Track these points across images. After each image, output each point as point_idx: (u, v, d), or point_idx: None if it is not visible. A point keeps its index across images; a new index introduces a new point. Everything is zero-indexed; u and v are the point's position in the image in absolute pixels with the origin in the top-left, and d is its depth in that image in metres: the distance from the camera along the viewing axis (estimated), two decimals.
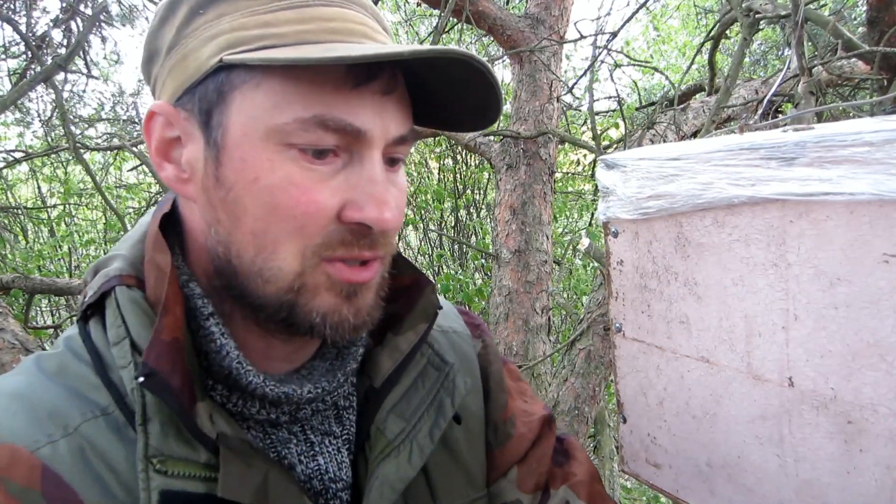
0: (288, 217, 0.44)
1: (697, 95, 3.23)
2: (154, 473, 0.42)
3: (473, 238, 4.90)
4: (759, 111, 2.39)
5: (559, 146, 2.84)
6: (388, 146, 0.47)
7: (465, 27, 2.82)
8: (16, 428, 0.42)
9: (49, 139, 4.47)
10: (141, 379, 0.41)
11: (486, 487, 0.63)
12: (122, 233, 4.12)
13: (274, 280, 0.45)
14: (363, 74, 0.44)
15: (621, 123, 2.73)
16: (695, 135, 2.67)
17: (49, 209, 5.08)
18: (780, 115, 1.64)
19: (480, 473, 0.62)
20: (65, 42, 3.05)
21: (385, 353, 0.56)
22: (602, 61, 2.61)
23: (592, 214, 4.48)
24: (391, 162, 0.49)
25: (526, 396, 0.72)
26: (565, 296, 4.26)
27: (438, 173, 4.94)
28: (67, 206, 4.96)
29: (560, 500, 0.66)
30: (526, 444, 0.67)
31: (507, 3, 3.78)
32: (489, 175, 4.57)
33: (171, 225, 0.52)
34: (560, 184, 4.76)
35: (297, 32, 0.44)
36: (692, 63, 2.54)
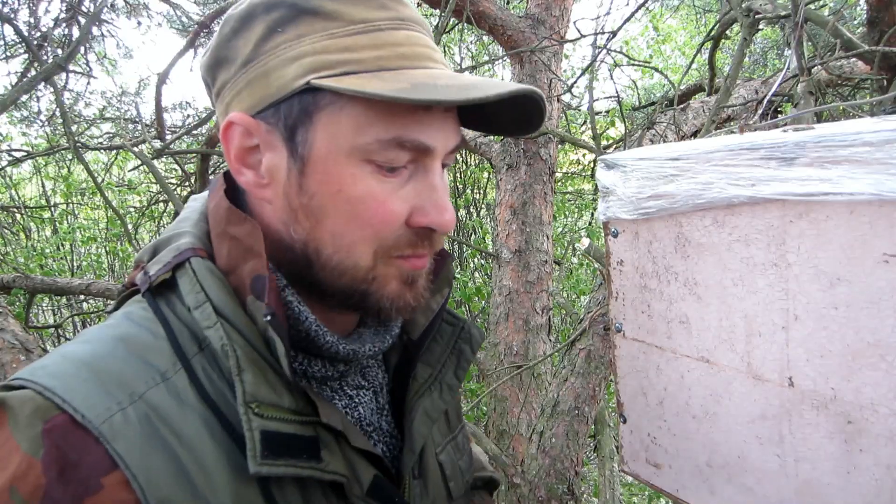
0: (366, 224, 0.50)
1: (697, 95, 3.23)
2: (253, 416, 0.46)
3: (472, 237, 4.90)
4: (759, 111, 2.39)
5: (559, 146, 2.84)
6: (445, 155, 0.54)
7: (465, 27, 2.82)
8: (89, 395, 0.45)
9: (52, 138, 4.48)
10: (268, 318, 0.48)
11: (461, 422, 0.77)
12: (122, 231, 4.12)
13: (349, 273, 0.52)
14: None
15: (620, 123, 2.73)
16: (695, 135, 2.67)
17: (51, 208, 5.08)
18: (779, 115, 1.64)
19: (459, 413, 0.77)
20: (66, 41, 3.05)
21: (420, 312, 0.66)
22: (602, 61, 2.61)
23: (592, 214, 4.48)
24: (441, 166, 0.56)
25: None
26: (565, 296, 4.26)
27: None
28: (70, 204, 4.96)
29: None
30: None
31: (508, 4, 3.78)
32: (489, 175, 4.57)
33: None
34: (560, 184, 4.76)
35: (375, 59, 0.49)
36: (692, 63, 2.53)
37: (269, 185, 0.52)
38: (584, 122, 4.46)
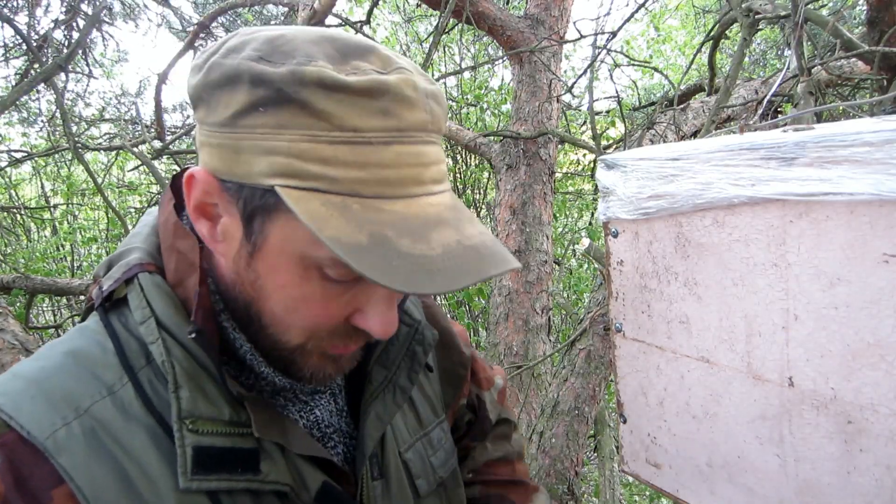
0: (304, 318, 0.50)
1: (697, 95, 3.23)
2: (187, 432, 0.48)
3: None
4: (759, 111, 2.39)
5: (559, 146, 2.84)
6: None
7: (465, 27, 2.82)
8: (34, 411, 0.47)
9: (52, 139, 4.48)
10: (193, 335, 0.48)
11: (443, 414, 0.75)
12: (123, 231, 4.13)
13: (280, 344, 0.52)
14: None
15: (620, 123, 2.73)
16: (695, 135, 2.67)
17: (51, 209, 5.09)
18: (779, 115, 1.64)
19: (439, 405, 0.75)
20: (66, 42, 3.05)
21: None
22: (602, 61, 2.61)
23: (592, 214, 4.48)
24: None
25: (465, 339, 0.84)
26: (565, 296, 4.26)
27: None
28: (70, 204, 4.96)
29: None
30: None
31: (507, 4, 3.78)
32: (489, 175, 4.57)
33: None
34: (560, 183, 4.76)
35: (351, 181, 0.44)
36: (692, 63, 2.53)
37: (222, 244, 0.51)
38: (584, 122, 4.46)
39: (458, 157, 4.70)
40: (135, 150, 3.06)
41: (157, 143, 3.44)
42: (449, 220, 0.47)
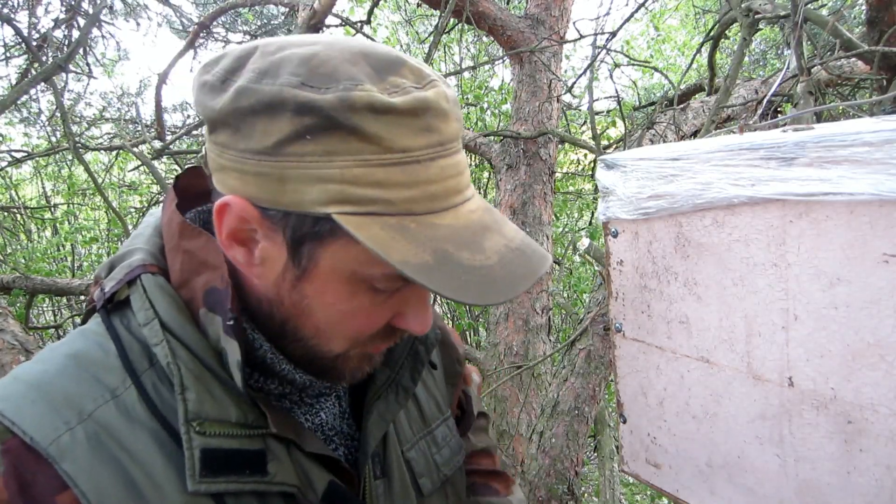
0: (350, 328, 0.53)
1: (697, 95, 3.23)
2: (195, 435, 0.48)
3: None
4: (759, 111, 2.39)
5: (559, 146, 2.84)
6: None
7: (465, 27, 2.82)
8: (36, 416, 0.46)
9: (53, 139, 4.48)
10: (231, 322, 0.49)
11: (448, 411, 0.76)
12: (123, 232, 4.13)
13: (323, 353, 0.54)
14: None
15: (621, 123, 2.73)
16: (695, 135, 2.67)
17: (52, 209, 5.09)
18: (779, 115, 1.64)
19: (444, 402, 0.76)
20: (66, 41, 3.05)
21: None
22: (602, 61, 2.61)
23: (592, 214, 4.48)
24: None
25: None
26: (565, 296, 4.26)
27: None
28: (71, 204, 4.97)
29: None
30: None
31: (508, 4, 3.78)
32: (489, 175, 4.57)
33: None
34: (560, 183, 4.76)
35: (404, 200, 0.46)
36: (692, 63, 2.54)
37: (260, 267, 0.50)
38: (584, 122, 4.46)
39: None
40: (135, 150, 3.06)
41: (157, 143, 3.44)
42: (491, 225, 0.50)
